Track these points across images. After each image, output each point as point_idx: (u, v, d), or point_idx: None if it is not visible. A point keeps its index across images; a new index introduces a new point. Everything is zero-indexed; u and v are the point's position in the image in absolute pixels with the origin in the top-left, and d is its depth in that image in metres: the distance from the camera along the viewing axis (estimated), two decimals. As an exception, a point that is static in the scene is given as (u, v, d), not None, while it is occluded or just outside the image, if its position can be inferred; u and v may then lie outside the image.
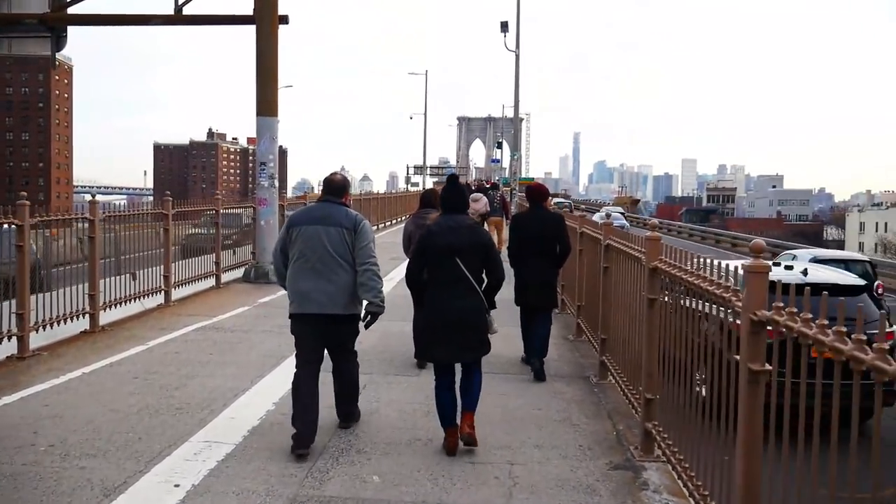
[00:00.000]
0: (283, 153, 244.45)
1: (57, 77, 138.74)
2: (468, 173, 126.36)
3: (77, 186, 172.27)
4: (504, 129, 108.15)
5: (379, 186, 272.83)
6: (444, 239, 4.92)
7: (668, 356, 4.69)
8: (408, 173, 73.76)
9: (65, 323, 8.35)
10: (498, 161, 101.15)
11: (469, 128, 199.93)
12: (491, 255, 5.06)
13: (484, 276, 5.11)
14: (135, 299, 9.92)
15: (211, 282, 12.66)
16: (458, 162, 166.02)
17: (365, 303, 5.11)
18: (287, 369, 7.18)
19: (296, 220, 5.18)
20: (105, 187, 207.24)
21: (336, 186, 5.27)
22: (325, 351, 5.30)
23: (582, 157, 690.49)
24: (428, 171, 77.35)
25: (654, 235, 5.03)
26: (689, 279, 4.13)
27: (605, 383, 6.92)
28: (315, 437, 5.01)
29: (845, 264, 14.30)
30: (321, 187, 5.45)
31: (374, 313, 5.11)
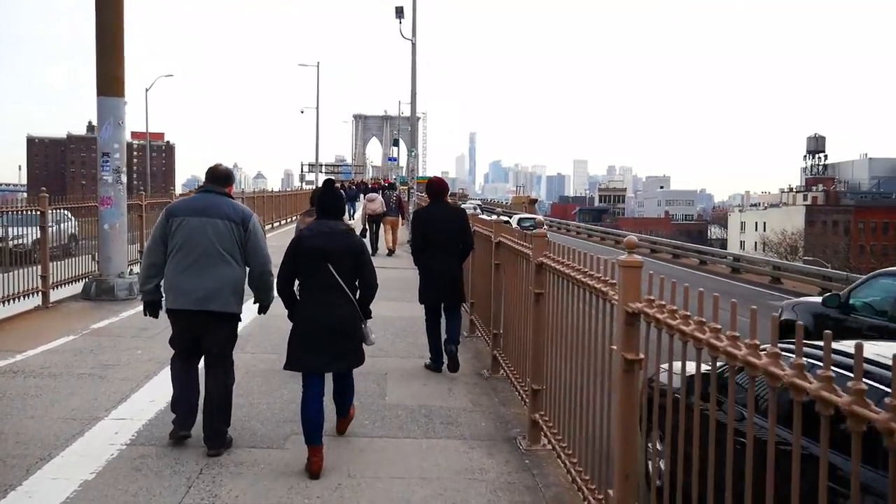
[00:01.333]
0: (170, 148, 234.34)
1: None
2: (365, 172, 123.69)
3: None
4: (401, 127, 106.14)
5: (274, 184, 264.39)
6: (317, 244, 4.69)
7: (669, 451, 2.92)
8: (302, 171, 70.87)
9: None
10: (395, 160, 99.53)
11: (366, 126, 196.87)
12: (364, 260, 4.84)
13: (357, 284, 4.85)
14: None
15: (36, 300, 10.13)
16: (354, 160, 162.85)
17: (254, 295, 5.03)
18: (93, 442, 5.04)
19: (176, 210, 4.81)
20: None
21: (220, 175, 4.95)
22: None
23: (478, 157, 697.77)
24: (322, 169, 74.54)
25: (634, 261, 3.26)
26: (704, 337, 2.36)
27: (540, 450, 5.13)
28: (194, 422, 4.97)
29: (532, 219, 31.24)
30: (205, 177, 5.05)
31: (265, 304, 5.11)
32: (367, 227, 19.54)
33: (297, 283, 4.84)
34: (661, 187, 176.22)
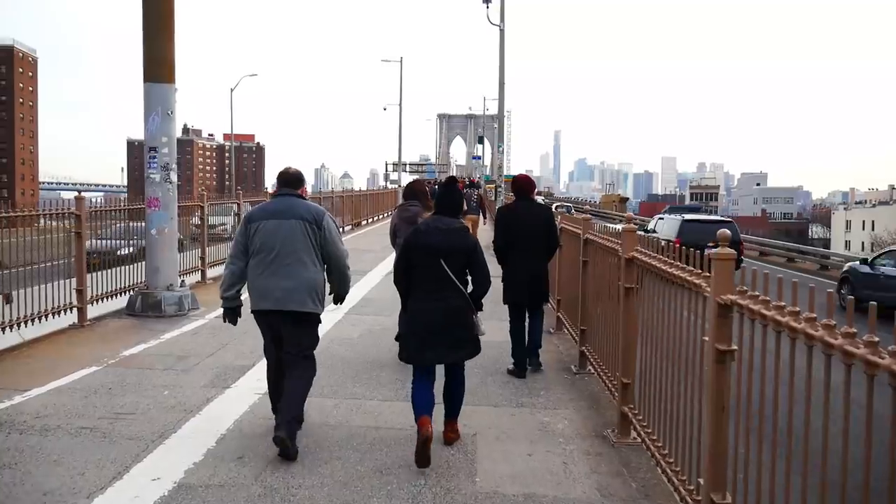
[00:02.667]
0: (261, 150, 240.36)
1: (21, 69, 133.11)
2: (449, 170, 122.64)
3: (44, 183, 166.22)
4: (486, 125, 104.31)
5: (360, 184, 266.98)
6: (431, 239, 4.77)
7: None
8: (386, 170, 70.13)
9: None
10: (479, 157, 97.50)
11: (449, 125, 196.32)
12: (476, 258, 4.86)
13: (469, 280, 4.88)
14: None
15: (71, 318, 8.80)
16: (438, 159, 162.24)
17: (332, 287, 5.05)
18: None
19: (254, 216, 4.92)
20: (79, 184, 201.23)
21: (291, 178, 5.04)
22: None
23: (562, 155, 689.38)
24: (406, 168, 73.63)
25: None
26: None
27: None
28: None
29: (567, 206, 58.16)
30: (276, 182, 5.14)
31: (341, 294, 5.15)
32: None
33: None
34: (758, 184, 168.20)
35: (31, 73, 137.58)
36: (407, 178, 67.58)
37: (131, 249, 10.38)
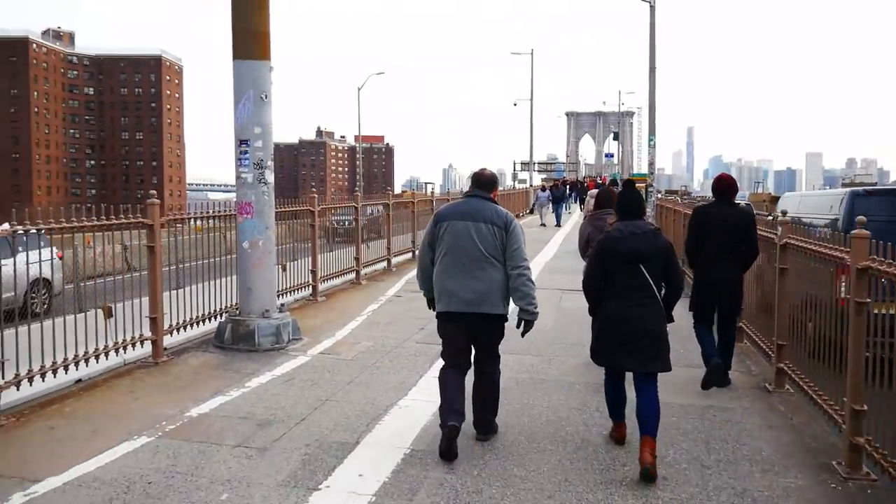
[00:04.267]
0: (390, 150, 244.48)
1: (168, 77, 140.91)
2: (578, 170, 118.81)
3: (191, 185, 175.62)
4: (621, 120, 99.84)
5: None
6: (628, 244, 4.67)
7: None
8: (514, 169, 68.08)
9: None
10: (611, 156, 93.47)
11: (578, 123, 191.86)
12: (673, 261, 4.76)
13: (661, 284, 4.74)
14: None
15: (143, 350, 7.09)
16: (567, 157, 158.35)
17: (517, 309, 4.88)
18: None
19: (443, 215, 4.96)
20: (223, 185, 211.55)
21: (486, 181, 5.08)
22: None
23: (696, 152, 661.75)
24: (535, 167, 71.12)
25: None
26: None
27: None
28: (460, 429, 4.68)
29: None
30: (469, 182, 5.25)
31: (529, 321, 4.90)
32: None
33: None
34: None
35: (177, 81, 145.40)
36: (537, 178, 65.06)
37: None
